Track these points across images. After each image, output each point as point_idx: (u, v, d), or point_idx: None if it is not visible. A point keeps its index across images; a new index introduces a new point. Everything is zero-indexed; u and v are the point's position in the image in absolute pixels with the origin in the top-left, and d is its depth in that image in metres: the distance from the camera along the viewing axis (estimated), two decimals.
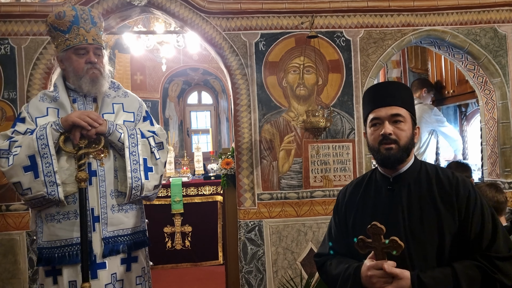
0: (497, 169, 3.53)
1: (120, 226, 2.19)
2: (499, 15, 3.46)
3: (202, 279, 4.78)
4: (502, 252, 1.54)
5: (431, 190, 1.63)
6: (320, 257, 1.86)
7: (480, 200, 1.59)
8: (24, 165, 2.05)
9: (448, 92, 4.64)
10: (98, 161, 2.15)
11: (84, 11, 2.18)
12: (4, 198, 3.15)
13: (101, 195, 2.13)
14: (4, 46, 3.17)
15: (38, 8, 3.15)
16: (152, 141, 2.27)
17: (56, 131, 2.08)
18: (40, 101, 2.24)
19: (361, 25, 3.39)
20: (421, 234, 1.58)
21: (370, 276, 1.54)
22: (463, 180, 1.64)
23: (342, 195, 1.86)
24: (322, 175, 3.36)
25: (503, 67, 3.46)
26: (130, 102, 2.37)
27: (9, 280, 3.13)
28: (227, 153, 3.60)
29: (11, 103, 3.17)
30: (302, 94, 3.37)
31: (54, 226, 2.12)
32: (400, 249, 1.48)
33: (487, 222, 1.56)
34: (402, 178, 1.68)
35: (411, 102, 1.73)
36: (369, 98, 1.75)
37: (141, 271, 2.28)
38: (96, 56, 2.18)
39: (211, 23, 3.30)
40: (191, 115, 9.05)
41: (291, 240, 3.32)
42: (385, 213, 1.66)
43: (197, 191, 5.23)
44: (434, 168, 1.71)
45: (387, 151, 1.63)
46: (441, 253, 1.56)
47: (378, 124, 1.67)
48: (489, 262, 1.51)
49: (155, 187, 2.26)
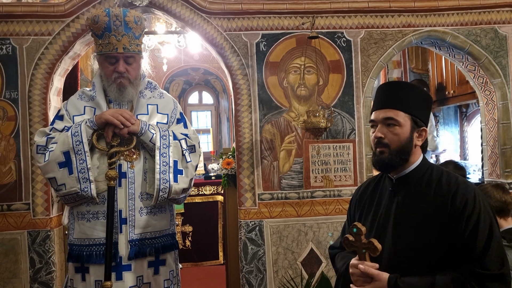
0: (498, 170, 3.53)
1: (148, 229, 2.18)
2: (499, 16, 3.47)
3: (202, 278, 4.79)
4: (493, 269, 1.44)
5: (427, 195, 1.59)
6: (333, 249, 1.91)
7: (479, 210, 1.50)
8: (59, 161, 2.08)
9: (448, 92, 4.64)
10: (129, 163, 2.15)
11: (118, 17, 2.11)
12: (5, 197, 3.15)
13: (129, 197, 2.13)
14: (5, 46, 3.17)
15: (39, 8, 3.16)
16: (184, 143, 2.26)
17: (90, 128, 2.10)
18: (79, 99, 2.26)
19: (362, 25, 3.40)
20: (409, 238, 1.55)
21: (351, 273, 1.59)
22: (464, 188, 1.55)
23: (356, 192, 1.89)
24: (323, 175, 3.37)
25: (504, 67, 3.46)
26: (165, 103, 2.36)
27: (10, 280, 3.14)
28: (228, 153, 3.61)
29: (13, 103, 3.17)
30: (303, 94, 3.38)
31: (84, 224, 2.14)
32: (376, 251, 1.51)
33: (481, 232, 1.47)
34: (404, 181, 1.66)
35: (416, 104, 1.66)
36: (375, 98, 1.75)
37: (169, 275, 2.26)
38: (128, 64, 2.17)
39: (212, 23, 3.31)
40: (192, 114, 9.07)
41: (292, 240, 3.32)
42: (382, 214, 1.67)
43: (198, 191, 5.24)
44: (440, 173, 1.64)
45: (379, 155, 1.64)
46: (429, 259, 1.52)
47: (374, 126, 1.67)
48: (474, 280, 1.43)
49: (183, 190, 2.23)
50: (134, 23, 2.16)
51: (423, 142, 1.68)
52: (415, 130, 1.64)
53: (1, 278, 3.13)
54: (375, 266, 1.54)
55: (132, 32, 2.15)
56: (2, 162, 3.16)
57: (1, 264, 3.14)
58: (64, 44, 3.19)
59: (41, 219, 3.14)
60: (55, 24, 3.19)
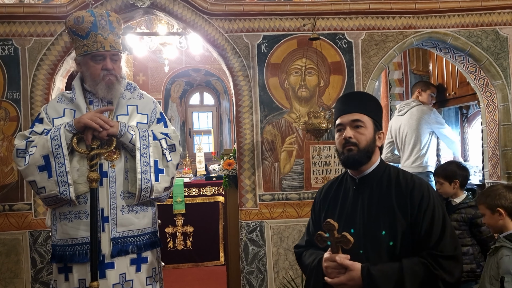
0: (498, 171, 3.53)
1: (130, 227, 2.20)
2: (500, 18, 3.47)
3: (203, 279, 4.80)
4: (448, 251, 1.67)
5: (389, 192, 1.78)
6: (299, 248, 2.06)
7: (433, 203, 1.73)
8: (38, 164, 2.10)
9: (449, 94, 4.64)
10: (110, 162, 2.17)
11: (103, 16, 2.17)
12: (7, 198, 3.17)
13: (111, 196, 2.15)
14: (8, 47, 3.19)
15: (42, 9, 3.18)
16: (164, 143, 2.28)
17: (69, 132, 2.11)
18: (58, 102, 2.27)
19: (362, 27, 3.41)
20: (376, 231, 1.74)
21: (326, 267, 1.74)
22: (419, 184, 1.77)
23: (319, 193, 2.05)
24: (324, 176, 3.37)
25: (505, 69, 3.47)
26: (145, 103, 2.38)
27: (11, 280, 3.15)
28: (229, 154, 3.62)
29: (15, 103, 3.19)
30: (303, 96, 3.39)
31: (66, 224, 2.16)
32: (349, 243, 1.65)
33: (436, 222, 1.70)
34: (366, 180, 1.84)
35: (374, 110, 1.89)
36: (337, 107, 1.93)
37: (152, 272, 2.28)
38: (113, 62, 2.20)
39: (214, 24, 3.32)
40: (193, 115, 9.07)
41: (292, 241, 3.33)
42: (348, 211, 1.84)
43: (199, 191, 5.25)
44: (397, 172, 1.85)
45: (347, 152, 1.80)
46: (393, 249, 1.71)
47: (342, 130, 1.84)
48: (433, 260, 1.65)
49: (165, 189, 2.26)
50: (117, 23, 2.23)
51: (381, 144, 1.90)
52: (376, 132, 1.85)
53: (2, 278, 3.14)
54: (347, 257, 1.70)
55: (116, 31, 2.22)
56: (4, 163, 3.17)
57: (2, 264, 3.15)
58: (66, 45, 3.20)
59: (43, 219, 3.14)
60: (57, 25, 3.21)
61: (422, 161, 4.23)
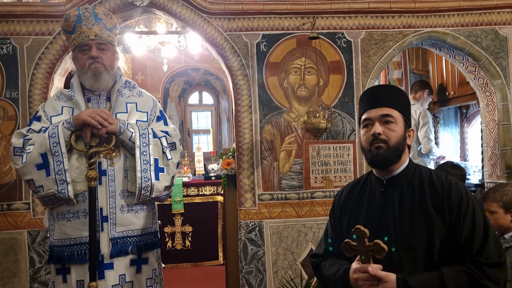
0: (498, 171, 3.53)
1: (130, 227, 2.16)
2: (500, 17, 3.47)
3: (202, 279, 4.79)
4: (492, 258, 1.52)
5: (423, 194, 1.62)
6: (316, 257, 1.88)
7: (473, 205, 1.58)
8: (36, 163, 2.06)
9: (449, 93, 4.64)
10: (109, 160, 2.13)
11: (87, 9, 2.18)
12: (5, 197, 3.15)
13: (110, 195, 2.12)
14: (6, 45, 3.18)
15: (40, 8, 3.16)
16: (164, 141, 2.25)
17: (67, 129, 2.08)
18: (56, 100, 2.25)
19: (362, 26, 3.40)
20: (410, 237, 1.58)
21: (356, 279, 1.56)
22: (456, 184, 1.62)
23: (338, 197, 1.87)
24: (323, 176, 3.37)
25: (504, 69, 3.46)
26: (144, 101, 2.36)
27: (10, 279, 3.14)
28: (228, 154, 3.61)
29: (13, 102, 3.17)
30: (303, 95, 3.38)
31: (65, 224, 2.12)
32: (383, 252, 1.49)
33: (478, 226, 1.54)
34: (396, 181, 1.68)
35: (405, 105, 1.73)
36: (363, 100, 1.77)
37: (152, 273, 2.24)
38: (100, 51, 2.17)
39: (213, 23, 3.31)
40: (192, 115, 9.06)
41: (291, 240, 3.32)
42: (377, 215, 1.67)
43: (198, 191, 5.24)
44: (429, 172, 1.70)
45: (376, 150, 1.64)
46: (431, 257, 1.56)
47: (369, 125, 1.68)
48: (477, 268, 1.49)
49: (166, 188, 2.22)
50: (104, 15, 2.21)
51: (409, 142, 1.73)
52: (406, 129, 1.69)
53: (1, 277, 3.13)
54: (380, 267, 1.53)
55: (103, 23, 2.19)
56: (2, 162, 3.16)
57: (0, 264, 3.14)
58: (64, 44, 3.19)
59: (41, 219, 3.13)
60: (56, 24, 3.19)
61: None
